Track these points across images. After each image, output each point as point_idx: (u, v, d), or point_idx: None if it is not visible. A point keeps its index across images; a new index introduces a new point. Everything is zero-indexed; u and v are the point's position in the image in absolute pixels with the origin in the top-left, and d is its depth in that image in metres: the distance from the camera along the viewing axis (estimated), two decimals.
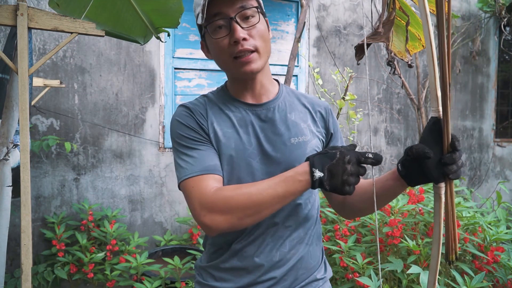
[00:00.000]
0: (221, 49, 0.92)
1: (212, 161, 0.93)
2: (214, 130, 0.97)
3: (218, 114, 1.00)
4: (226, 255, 1.00)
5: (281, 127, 1.00)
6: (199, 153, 0.94)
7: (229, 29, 0.91)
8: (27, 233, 1.37)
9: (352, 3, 3.69)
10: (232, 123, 0.98)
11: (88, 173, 2.95)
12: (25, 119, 1.37)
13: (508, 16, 3.91)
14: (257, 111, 1.01)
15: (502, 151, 4.38)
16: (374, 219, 2.19)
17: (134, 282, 2.41)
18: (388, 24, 1.16)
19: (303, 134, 1.01)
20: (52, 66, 2.83)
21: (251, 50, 0.91)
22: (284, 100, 1.05)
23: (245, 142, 0.97)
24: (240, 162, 0.95)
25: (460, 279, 1.70)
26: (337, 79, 2.62)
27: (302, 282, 1.01)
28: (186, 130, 0.96)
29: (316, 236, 1.07)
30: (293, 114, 1.03)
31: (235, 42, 0.90)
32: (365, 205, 1.02)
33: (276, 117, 1.01)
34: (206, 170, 0.91)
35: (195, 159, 0.93)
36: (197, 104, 1.01)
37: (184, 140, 0.96)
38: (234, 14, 0.90)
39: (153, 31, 1.73)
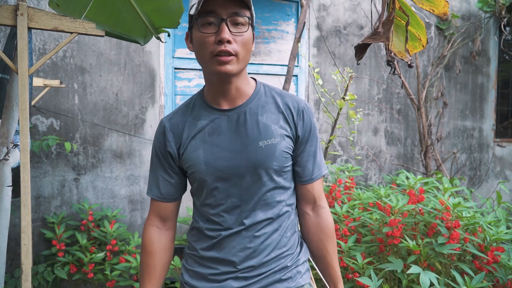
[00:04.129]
0: (205, 44, 0.97)
1: (164, 188, 1.13)
2: (186, 144, 1.08)
3: (193, 125, 1.08)
4: (206, 246, 1.10)
5: (250, 131, 1.05)
6: (159, 176, 1.13)
7: (217, 28, 0.95)
8: (27, 233, 1.37)
9: (352, 3, 3.69)
10: (204, 133, 1.06)
11: (88, 173, 2.95)
12: (25, 119, 1.37)
13: (508, 16, 3.91)
14: (229, 116, 1.07)
15: (502, 151, 4.38)
16: (374, 219, 2.19)
17: (134, 282, 2.42)
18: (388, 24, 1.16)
19: (272, 136, 1.05)
20: (52, 66, 2.83)
21: (231, 53, 0.96)
22: (258, 101, 1.09)
23: (215, 150, 1.05)
24: (211, 169, 1.05)
25: (460, 279, 1.70)
26: (337, 79, 2.63)
27: (275, 267, 1.08)
28: (154, 150, 1.13)
29: (290, 226, 1.13)
30: (264, 116, 1.07)
31: (220, 42, 0.95)
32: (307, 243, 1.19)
33: (248, 120, 1.06)
34: (155, 196, 1.14)
35: (153, 180, 1.14)
36: (178, 118, 1.11)
37: (153, 157, 1.15)
38: (226, 16, 0.95)
39: (153, 31, 1.73)
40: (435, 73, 3.98)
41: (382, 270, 2.07)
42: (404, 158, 3.95)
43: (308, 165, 1.12)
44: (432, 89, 3.98)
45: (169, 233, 1.17)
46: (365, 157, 3.79)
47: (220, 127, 1.06)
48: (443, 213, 2.06)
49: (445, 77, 4.05)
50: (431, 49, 4.00)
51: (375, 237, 2.15)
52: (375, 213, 2.20)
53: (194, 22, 0.99)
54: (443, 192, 2.37)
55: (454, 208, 2.01)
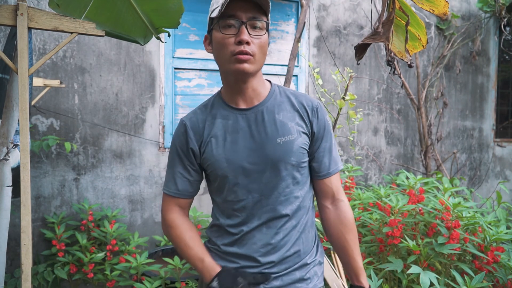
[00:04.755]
0: (225, 44, 1.04)
1: (181, 185, 1.18)
2: (208, 142, 1.13)
3: (213, 124, 1.14)
4: (228, 242, 1.15)
5: (268, 128, 1.11)
6: (176, 173, 1.18)
7: (237, 31, 1.03)
8: (27, 233, 1.37)
9: (352, 3, 3.69)
10: (224, 131, 1.12)
11: (88, 173, 2.95)
12: (25, 119, 1.37)
13: (508, 16, 3.91)
14: (247, 115, 1.13)
15: (502, 151, 4.38)
16: (374, 219, 2.19)
17: (134, 282, 2.42)
18: (388, 24, 1.16)
19: (290, 133, 1.11)
20: (52, 66, 2.83)
21: (249, 53, 1.03)
22: (274, 101, 1.15)
23: (235, 147, 1.10)
24: (232, 166, 1.10)
25: (460, 279, 1.70)
26: (337, 79, 2.63)
27: (295, 265, 1.14)
28: (174, 147, 1.18)
29: (309, 224, 1.18)
30: (281, 114, 1.13)
31: (239, 42, 1.02)
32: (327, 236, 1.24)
33: (265, 119, 1.12)
34: (172, 192, 1.18)
35: (171, 177, 1.19)
36: (198, 117, 1.17)
37: (172, 154, 1.19)
38: (245, 19, 1.04)
39: (153, 31, 1.73)
40: (435, 73, 3.98)
41: (382, 270, 2.07)
42: (404, 158, 3.95)
43: (325, 160, 1.18)
44: (432, 89, 3.98)
45: (188, 219, 1.22)
46: (365, 157, 3.79)
47: (239, 125, 1.12)
48: (443, 213, 2.06)
49: (445, 77, 4.05)
50: (431, 49, 4.00)
51: (375, 237, 2.14)
52: (375, 213, 2.20)
53: (215, 24, 1.06)
54: (443, 192, 2.37)
55: (454, 208, 2.01)
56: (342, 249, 1.19)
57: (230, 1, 1.01)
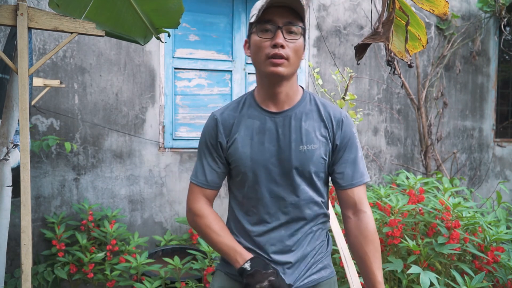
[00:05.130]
0: (261, 48, 1.10)
1: (210, 176, 1.22)
2: (235, 138, 1.18)
3: (243, 122, 1.19)
4: (244, 236, 1.20)
5: (293, 135, 1.15)
6: (205, 164, 1.22)
7: (273, 35, 1.09)
8: (27, 233, 1.37)
9: (352, 3, 3.69)
10: (252, 130, 1.17)
11: (88, 173, 2.95)
12: (25, 119, 1.37)
13: (508, 16, 3.91)
14: (276, 118, 1.17)
15: (502, 151, 4.38)
16: (374, 219, 2.19)
17: (134, 282, 2.42)
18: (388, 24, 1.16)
19: (313, 142, 1.16)
20: (52, 66, 2.83)
21: (283, 56, 1.08)
22: (303, 108, 1.19)
23: (261, 147, 1.15)
24: (255, 165, 1.15)
25: (460, 279, 1.70)
26: (337, 79, 2.63)
27: (311, 266, 1.20)
28: (204, 140, 1.23)
29: (323, 223, 1.24)
30: (307, 122, 1.17)
31: (274, 46, 1.08)
32: (349, 247, 1.29)
33: (292, 125, 1.16)
34: (201, 183, 1.22)
35: (200, 168, 1.23)
36: (229, 113, 1.22)
37: (201, 147, 1.24)
38: (282, 24, 1.09)
39: (153, 31, 1.73)
40: (435, 73, 3.98)
41: (382, 270, 2.06)
42: (404, 158, 3.95)
43: (347, 171, 1.20)
44: (432, 89, 3.98)
45: (213, 209, 1.24)
46: (365, 157, 3.79)
47: (267, 127, 1.17)
48: (443, 213, 2.06)
49: (445, 77, 4.05)
50: (431, 49, 4.00)
51: None
52: (375, 213, 2.20)
53: (253, 28, 1.12)
54: (443, 192, 2.37)
55: (454, 208, 2.01)
56: (361, 260, 1.20)
57: (267, 7, 1.07)
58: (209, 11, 3.25)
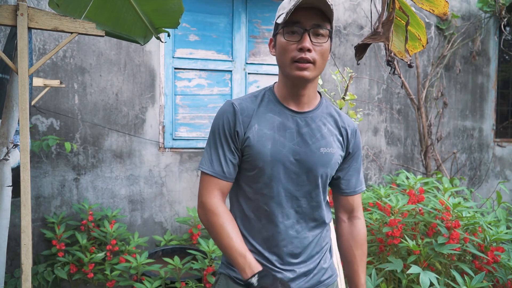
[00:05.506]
0: (287, 50, 1.08)
1: (227, 167, 1.14)
2: (254, 130, 1.12)
3: (263, 116, 1.15)
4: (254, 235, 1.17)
5: (314, 136, 1.15)
6: (221, 154, 1.14)
7: (300, 37, 1.06)
8: (27, 233, 1.37)
9: (352, 3, 3.69)
10: (273, 126, 1.13)
11: (88, 173, 2.95)
12: (25, 119, 1.37)
13: (508, 16, 3.91)
14: (297, 118, 1.16)
15: (502, 151, 4.38)
16: (374, 219, 2.19)
17: (134, 282, 2.42)
18: (388, 24, 1.16)
19: (331, 146, 1.17)
20: (52, 66, 2.83)
21: (309, 60, 1.06)
22: (322, 112, 1.20)
23: (281, 144, 1.12)
24: (275, 161, 1.11)
25: (460, 279, 1.70)
26: (337, 79, 2.63)
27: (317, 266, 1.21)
28: (221, 127, 1.14)
29: (327, 225, 1.24)
30: (326, 127, 1.18)
31: (301, 49, 1.05)
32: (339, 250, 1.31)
33: (313, 126, 1.16)
34: (218, 174, 1.13)
35: (216, 157, 1.14)
36: (247, 104, 1.16)
37: (217, 135, 1.15)
38: (309, 27, 1.06)
39: (153, 31, 1.73)
40: (435, 73, 3.98)
41: (382, 270, 2.07)
42: (404, 158, 3.95)
43: (353, 179, 1.26)
44: (432, 89, 3.98)
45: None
46: (365, 157, 3.79)
47: (288, 125, 1.14)
48: (443, 213, 2.06)
49: (445, 77, 4.05)
50: (431, 49, 4.00)
51: (375, 237, 2.14)
52: (375, 213, 2.20)
53: (279, 29, 1.09)
54: (443, 192, 2.37)
55: (454, 208, 2.01)
56: (349, 262, 1.26)
57: (295, 9, 1.04)
58: (209, 11, 3.25)
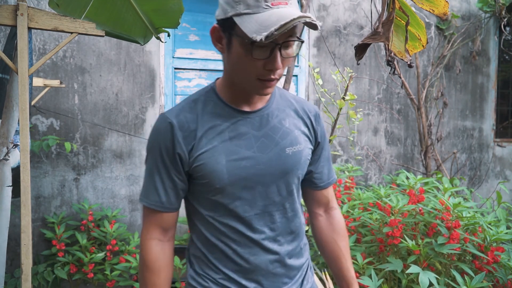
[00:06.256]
0: (250, 66, 0.86)
1: (166, 196, 0.97)
2: (202, 146, 0.93)
3: (209, 125, 0.94)
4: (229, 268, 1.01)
5: (276, 136, 0.97)
6: (158, 181, 0.96)
7: (269, 54, 0.84)
8: (27, 233, 1.37)
9: (352, 3, 3.69)
10: (224, 136, 0.94)
11: (88, 173, 2.95)
12: (25, 119, 1.37)
13: (508, 16, 3.91)
14: (251, 119, 0.97)
15: (502, 151, 4.38)
16: (374, 219, 2.19)
17: (134, 282, 2.42)
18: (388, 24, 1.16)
19: (298, 142, 0.99)
20: (52, 66, 2.83)
21: (277, 78, 0.88)
22: (278, 104, 1.02)
23: (238, 155, 0.93)
24: (234, 178, 0.93)
25: (460, 279, 1.70)
26: (337, 79, 2.63)
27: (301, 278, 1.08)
28: (156, 151, 0.95)
29: (304, 236, 1.10)
30: (287, 120, 1.01)
31: (270, 70, 0.86)
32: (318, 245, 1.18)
33: (271, 125, 0.98)
34: (155, 205, 0.97)
35: (152, 186, 0.97)
36: (186, 115, 0.95)
37: (153, 159, 0.96)
38: (282, 41, 0.84)
39: (153, 31, 1.73)
40: (435, 73, 3.98)
41: (382, 270, 2.07)
42: (404, 158, 3.95)
43: (325, 170, 1.11)
44: (432, 89, 3.98)
45: (170, 244, 1.02)
46: (365, 157, 3.79)
47: (242, 131, 0.95)
48: (443, 213, 2.06)
49: (445, 77, 4.05)
50: (431, 49, 4.00)
51: (375, 237, 2.14)
52: (375, 213, 2.20)
53: (237, 29, 0.83)
54: (443, 192, 2.37)
55: (454, 208, 2.01)
56: (335, 257, 1.12)
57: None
58: (209, 11, 3.25)
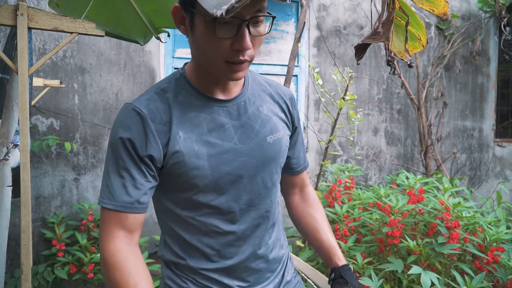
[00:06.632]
0: (216, 48, 0.77)
1: (137, 193, 0.83)
2: (179, 140, 0.83)
3: (183, 117, 0.85)
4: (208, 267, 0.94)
5: (256, 125, 0.91)
6: (127, 178, 0.82)
7: (235, 31, 0.75)
8: (27, 233, 1.37)
9: (352, 3, 3.69)
10: (202, 128, 0.86)
11: (88, 173, 2.95)
12: (25, 119, 1.37)
13: (508, 16, 3.91)
14: (228, 108, 0.89)
15: (502, 151, 4.38)
16: (374, 219, 2.19)
17: None
18: (388, 24, 1.16)
19: (277, 130, 0.94)
20: (52, 66, 2.83)
21: (247, 59, 0.79)
22: (252, 90, 0.95)
23: (220, 149, 0.86)
24: (218, 174, 0.86)
25: (460, 279, 1.70)
26: (337, 79, 2.62)
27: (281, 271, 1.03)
28: (123, 145, 0.82)
29: (282, 227, 1.07)
30: (264, 107, 0.95)
31: (239, 51, 0.77)
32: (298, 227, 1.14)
33: (249, 113, 0.91)
34: (123, 206, 0.82)
35: (119, 184, 0.82)
36: (156, 105, 0.84)
37: (117, 154, 0.83)
38: (248, 16, 0.74)
39: (153, 31, 1.73)
40: (435, 73, 3.99)
41: (382, 270, 2.07)
42: (404, 158, 3.95)
43: (301, 154, 1.09)
44: (432, 89, 3.98)
45: (138, 250, 0.86)
46: (365, 157, 3.79)
47: (220, 121, 0.87)
48: (443, 213, 2.06)
49: (445, 77, 4.05)
50: (431, 49, 4.00)
51: (375, 237, 2.15)
52: (375, 213, 2.20)
53: (205, 17, 0.74)
54: (443, 192, 2.37)
55: (454, 208, 2.01)
56: (312, 230, 1.06)
57: None
58: None
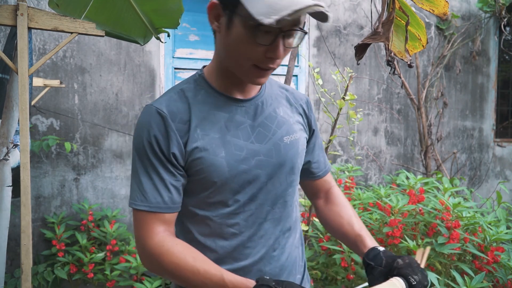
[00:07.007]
0: (250, 51, 0.80)
1: (168, 194, 0.85)
2: (198, 137, 0.85)
3: (202, 116, 0.87)
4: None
5: (272, 125, 0.93)
6: (157, 179, 0.85)
7: (271, 40, 0.79)
8: (27, 233, 1.37)
9: (352, 3, 3.69)
10: (220, 126, 0.88)
11: (88, 173, 2.95)
12: (25, 119, 1.37)
13: (508, 16, 3.91)
14: (246, 108, 0.91)
15: (502, 151, 4.38)
16: (374, 219, 2.19)
17: (134, 282, 2.42)
18: (388, 24, 1.16)
19: (294, 131, 0.96)
20: (52, 66, 2.83)
21: (275, 67, 0.84)
22: (269, 92, 0.98)
23: (237, 147, 0.88)
24: (235, 171, 0.87)
25: (460, 279, 1.70)
26: (337, 79, 2.62)
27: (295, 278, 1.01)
28: (149, 145, 0.84)
29: (301, 234, 1.05)
30: (281, 109, 0.97)
31: (271, 58, 0.81)
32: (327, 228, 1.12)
33: (266, 114, 0.93)
34: (157, 207, 0.84)
35: (150, 185, 0.85)
36: (177, 105, 0.87)
37: (144, 156, 0.85)
38: (287, 28, 0.79)
39: (153, 31, 1.73)
40: (435, 73, 3.98)
41: None
42: (404, 158, 3.95)
43: (321, 158, 1.10)
44: (432, 89, 3.98)
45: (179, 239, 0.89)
46: (365, 157, 3.79)
47: (238, 120, 0.90)
48: (443, 213, 2.06)
49: (445, 77, 4.05)
50: (431, 49, 4.00)
51: (375, 237, 2.14)
52: (375, 213, 2.20)
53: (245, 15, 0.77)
54: (443, 192, 2.37)
55: (454, 208, 2.01)
56: (339, 226, 1.04)
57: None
58: None
